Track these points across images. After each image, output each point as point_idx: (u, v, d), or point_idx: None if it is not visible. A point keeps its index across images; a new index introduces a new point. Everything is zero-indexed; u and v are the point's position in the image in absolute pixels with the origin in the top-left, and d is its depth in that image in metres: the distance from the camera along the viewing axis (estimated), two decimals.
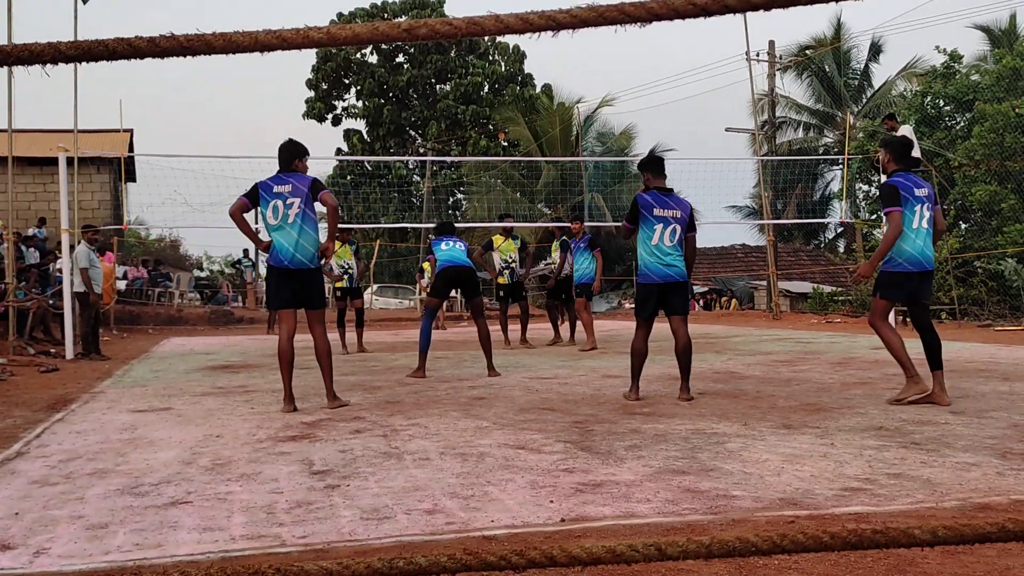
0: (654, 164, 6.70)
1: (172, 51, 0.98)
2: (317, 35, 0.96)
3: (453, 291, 10.11)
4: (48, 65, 1.02)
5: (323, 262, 6.66)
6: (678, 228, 6.40)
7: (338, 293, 12.71)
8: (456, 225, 10.63)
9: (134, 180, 22.96)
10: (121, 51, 0.98)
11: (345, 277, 12.44)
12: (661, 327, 6.82)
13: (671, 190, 6.62)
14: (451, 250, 8.76)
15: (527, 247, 12.65)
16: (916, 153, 14.89)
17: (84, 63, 1.01)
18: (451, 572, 0.97)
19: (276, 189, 6.35)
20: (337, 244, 12.08)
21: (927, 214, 5.99)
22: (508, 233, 12.68)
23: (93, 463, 4.54)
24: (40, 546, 3.06)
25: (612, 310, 28.91)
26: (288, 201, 6.30)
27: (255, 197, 6.44)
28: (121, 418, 6.21)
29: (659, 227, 6.35)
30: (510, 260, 12.46)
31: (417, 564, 0.96)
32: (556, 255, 12.49)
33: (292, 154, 6.54)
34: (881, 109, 29.40)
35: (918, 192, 5.97)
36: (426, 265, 17.88)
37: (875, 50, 32.76)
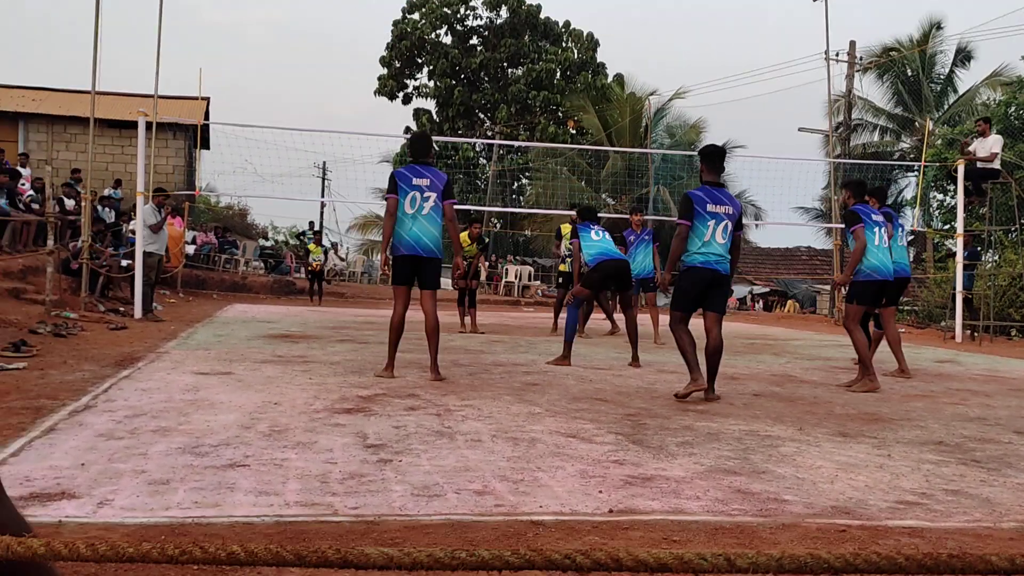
0: (713, 157, 6.50)
1: None
2: None
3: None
4: None
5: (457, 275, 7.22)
6: (729, 224, 6.29)
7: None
8: (519, 210, 10.61)
9: (207, 147, 23.43)
10: None
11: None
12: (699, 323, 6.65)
13: (723, 185, 6.50)
14: (602, 241, 8.65)
15: None
16: (997, 164, 14.48)
17: None
18: (514, 568, 0.97)
19: (415, 181, 6.69)
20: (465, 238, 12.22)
21: (884, 236, 7.50)
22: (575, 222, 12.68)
23: (157, 421, 4.68)
24: (104, 497, 3.18)
25: (664, 306, 28.67)
26: (426, 195, 6.68)
27: (395, 188, 6.71)
28: (184, 379, 6.38)
29: (712, 223, 6.21)
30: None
31: (480, 557, 0.97)
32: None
33: (429, 146, 7.10)
34: (962, 117, 28.58)
35: (875, 217, 7.53)
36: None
37: (962, 55, 31.78)
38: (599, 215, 11.14)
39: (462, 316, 12.85)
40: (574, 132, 36.95)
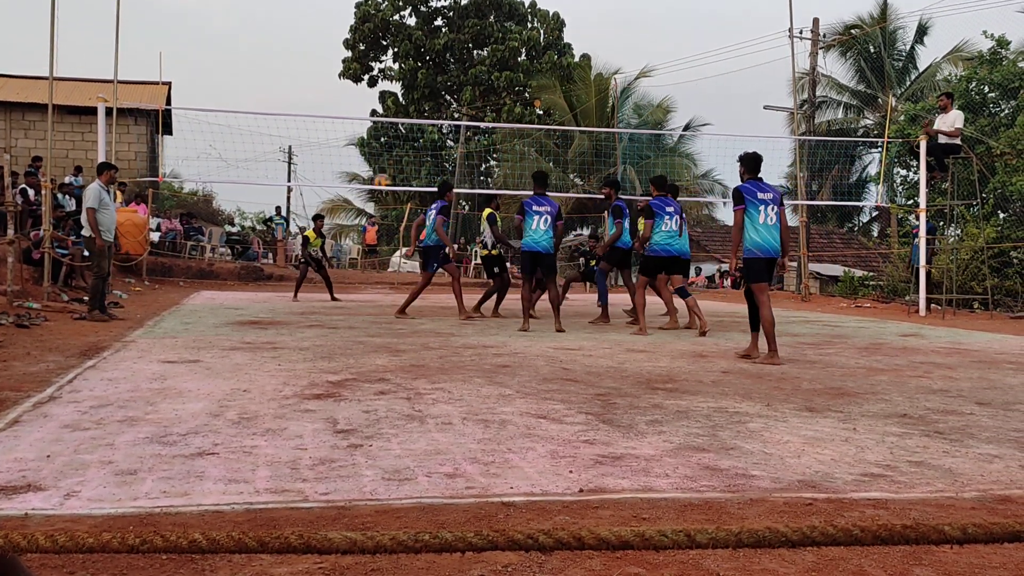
0: (538, 179, 10.34)
1: None
2: None
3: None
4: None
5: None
6: (549, 218, 9.83)
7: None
8: (487, 192, 11.27)
9: (170, 133, 23.12)
10: None
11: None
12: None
13: (544, 193, 10.12)
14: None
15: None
16: (958, 140, 14.67)
17: None
18: (477, 549, 0.97)
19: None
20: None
21: (771, 213, 7.56)
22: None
23: (123, 410, 4.63)
24: (70, 489, 3.14)
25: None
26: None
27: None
28: (151, 368, 6.31)
29: (536, 217, 9.80)
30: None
31: (443, 539, 0.97)
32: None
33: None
34: (924, 92, 28.88)
35: (761, 196, 7.58)
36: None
37: (922, 32, 32.09)
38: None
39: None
40: (540, 112, 36.89)
